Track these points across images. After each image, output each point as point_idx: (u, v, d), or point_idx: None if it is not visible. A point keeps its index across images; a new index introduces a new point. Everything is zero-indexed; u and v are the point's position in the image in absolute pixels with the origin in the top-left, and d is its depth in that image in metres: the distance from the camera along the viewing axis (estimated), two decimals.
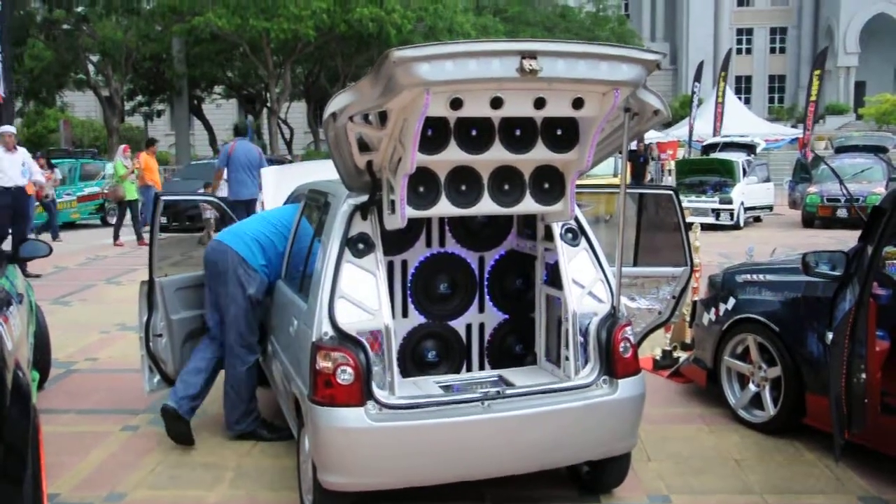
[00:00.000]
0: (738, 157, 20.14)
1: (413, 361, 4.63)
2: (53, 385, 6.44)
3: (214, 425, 5.46)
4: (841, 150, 20.27)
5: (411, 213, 3.75)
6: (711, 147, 22.92)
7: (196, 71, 33.72)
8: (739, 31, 58.83)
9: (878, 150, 19.55)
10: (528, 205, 3.99)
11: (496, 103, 3.41)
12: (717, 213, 18.11)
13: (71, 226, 18.33)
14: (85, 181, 19.71)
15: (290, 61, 31.25)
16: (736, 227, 18.13)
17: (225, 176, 12.14)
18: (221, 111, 44.95)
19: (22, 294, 5.23)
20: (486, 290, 4.77)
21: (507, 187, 3.92)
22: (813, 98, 29.66)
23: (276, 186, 7.65)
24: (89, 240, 16.57)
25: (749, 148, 22.28)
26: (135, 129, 42.37)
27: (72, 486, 4.52)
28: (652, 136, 29.10)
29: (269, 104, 34.18)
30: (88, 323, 8.72)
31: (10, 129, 12.13)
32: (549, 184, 3.98)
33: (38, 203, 14.87)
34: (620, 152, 4.00)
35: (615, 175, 15.92)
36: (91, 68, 32.85)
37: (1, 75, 7.91)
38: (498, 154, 3.75)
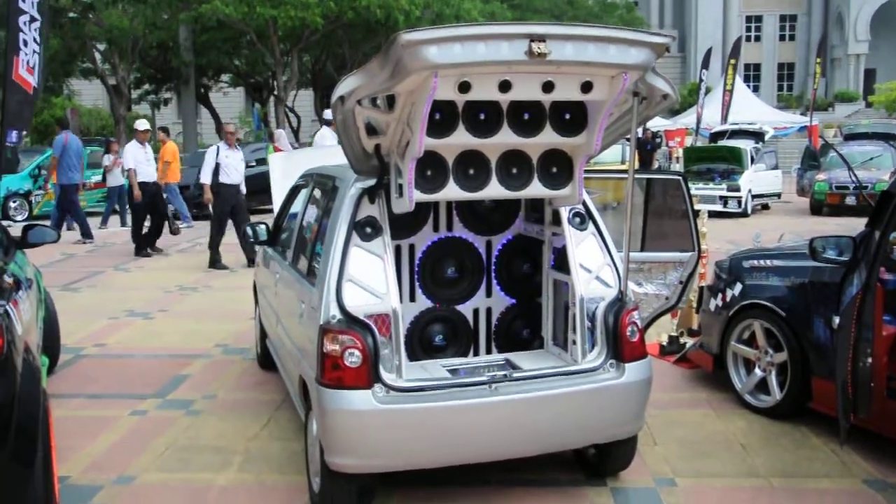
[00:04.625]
0: (746, 145, 20.00)
1: (420, 345, 4.63)
2: (63, 370, 6.48)
3: (222, 409, 5.50)
4: (850, 137, 20.14)
5: (419, 196, 3.75)
6: (720, 134, 22.80)
7: (203, 59, 33.63)
8: (748, 19, 58.24)
9: (887, 138, 19.43)
10: (535, 189, 3.99)
11: (504, 87, 3.41)
12: (724, 200, 18.01)
13: None
14: (92, 169, 19.72)
15: (297, 49, 31.14)
16: (744, 214, 18.05)
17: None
18: (228, 99, 44.85)
19: (31, 280, 5.24)
20: (493, 274, 4.77)
21: (514, 171, 3.92)
22: (815, 87, 29.49)
23: (284, 172, 7.65)
24: (97, 227, 16.64)
25: (757, 135, 22.16)
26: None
27: (82, 469, 4.55)
28: (660, 124, 28.96)
29: (276, 92, 34.06)
30: (97, 309, 8.76)
31: (233, 125, 12.39)
32: (557, 168, 3.98)
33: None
34: (628, 138, 3.99)
35: (623, 162, 15.87)
36: (98, 57, 32.79)
37: (38, 66, 7.93)
38: (506, 138, 3.75)
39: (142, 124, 13.04)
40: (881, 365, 4.13)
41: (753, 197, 18.85)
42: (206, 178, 11.32)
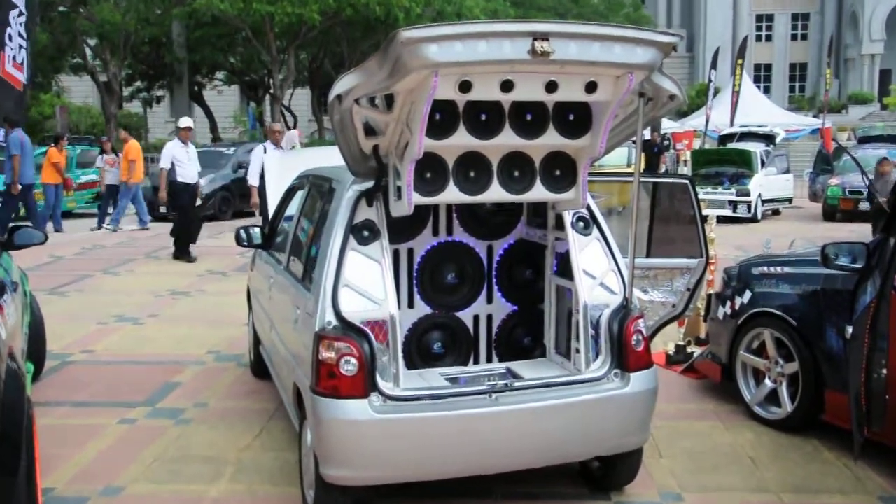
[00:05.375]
0: (756, 148, 19.85)
1: (419, 353, 4.55)
2: (48, 377, 6.36)
3: (214, 418, 5.41)
4: (864, 140, 19.97)
5: (418, 199, 3.70)
6: (729, 137, 22.66)
7: (197, 56, 33.59)
8: (759, 18, 57.63)
9: None
10: (538, 192, 3.93)
11: (506, 86, 3.37)
12: (734, 205, 17.84)
13: (67, 214, 18.26)
14: (82, 168, 19.55)
15: (294, 46, 31.13)
16: (753, 219, 17.90)
17: None
18: (223, 98, 44.83)
19: (16, 283, 5.15)
20: (494, 280, 4.69)
21: (517, 174, 3.86)
22: (827, 87, 29.42)
23: (280, 173, 7.55)
24: (85, 229, 16.57)
25: (768, 138, 21.99)
26: (133, 116, 42.21)
27: (67, 480, 4.45)
28: (667, 126, 28.86)
29: (272, 91, 34.07)
30: (85, 314, 8.63)
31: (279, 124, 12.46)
32: (561, 171, 3.92)
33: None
34: (634, 140, 3.92)
35: (629, 165, 15.78)
36: (88, 52, 32.62)
37: (25, 62, 7.84)
38: (508, 139, 3.69)
39: (185, 121, 12.52)
40: None
41: (764, 202, 18.72)
42: (253, 179, 11.04)
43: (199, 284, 10.48)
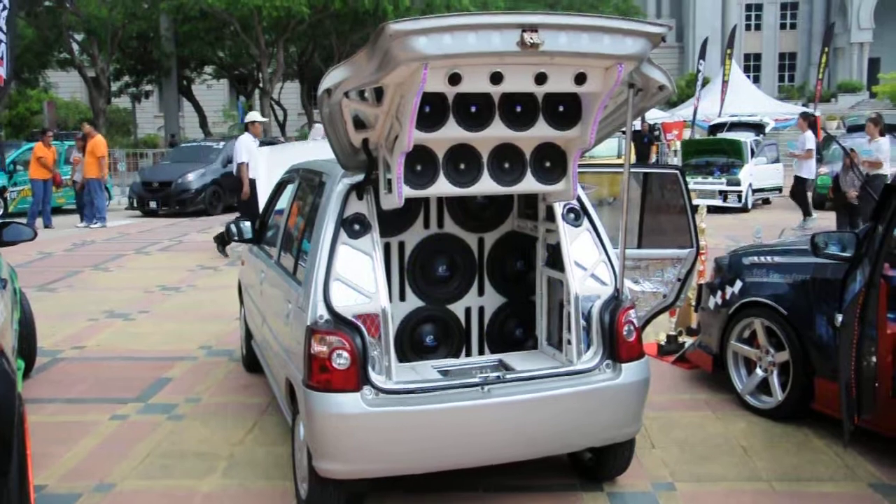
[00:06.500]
0: (746, 138, 19.77)
1: (411, 346, 4.54)
2: (39, 374, 6.32)
3: (206, 414, 5.38)
4: (853, 129, 19.93)
5: (409, 192, 3.67)
6: (719, 127, 22.56)
7: (185, 50, 33.37)
8: (748, 7, 57.00)
9: (892, 130, 19.21)
10: (528, 184, 3.91)
11: (496, 78, 3.35)
12: (724, 195, 17.78)
13: (56, 211, 18.11)
14: (70, 165, 19.36)
15: (283, 40, 30.98)
16: (744, 209, 17.84)
17: None
18: (212, 92, 44.60)
19: (6, 280, 5.10)
20: (485, 272, 4.68)
21: (507, 166, 3.85)
22: (820, 77, 29.34)
23: (270, 167, 7.53)
24: (76, 224, 16.44)
25: (758, 128, 21.93)
26: (122, 111, 41.88)
27: (59, 477, 4.42)
28: (657, 116, 28.82)
29: (261, 85, 33.91)
30: (75, 310, 8.58)
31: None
32: (551, 162, 3.91)
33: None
34: (624, 131, 3.91)
35: (619, 156, 15.75)
36: (75, 47, 32.33)
37: (6, 56, 7.68)
38: (498, 131, 3.67)
39: (257, 116, 12.32)
40: (885, 364, 4.05)
41: (754, 191, 18.64)
42: None
43: (189, 279, 10.43)
